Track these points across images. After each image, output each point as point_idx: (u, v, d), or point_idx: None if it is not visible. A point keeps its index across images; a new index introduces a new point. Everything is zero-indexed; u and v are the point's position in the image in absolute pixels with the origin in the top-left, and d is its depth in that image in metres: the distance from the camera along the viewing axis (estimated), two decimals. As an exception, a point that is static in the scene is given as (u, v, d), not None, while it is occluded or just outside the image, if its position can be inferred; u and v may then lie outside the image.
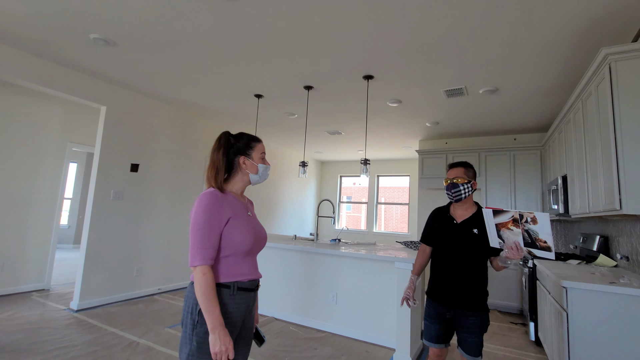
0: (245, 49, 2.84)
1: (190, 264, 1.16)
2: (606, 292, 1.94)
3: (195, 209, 1.21)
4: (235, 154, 1.34)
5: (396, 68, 3.07)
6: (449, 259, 1.77)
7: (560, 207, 3.36)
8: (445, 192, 1.83)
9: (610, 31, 2.34)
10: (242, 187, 1.38)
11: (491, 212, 1.53)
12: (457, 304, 1.72)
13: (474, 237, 1.72)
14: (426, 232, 1.96)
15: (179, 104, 4.54)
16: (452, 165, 1.85)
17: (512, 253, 1.48)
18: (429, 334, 1.82)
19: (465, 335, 1.71)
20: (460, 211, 1.82)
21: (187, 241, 4.87)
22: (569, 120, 3.17)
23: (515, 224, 1.47)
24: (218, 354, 1.11)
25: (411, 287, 1.87)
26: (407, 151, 6.75)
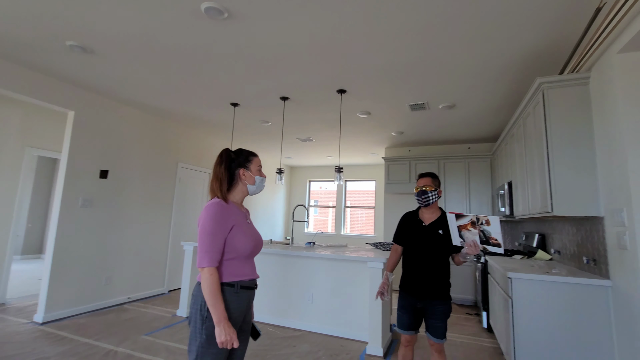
0: (225, 61, 2.97)
1: (199, 265, 1.32)
2: (541, 281, 2.34)
3: (204, 216, 1.36)
4: (236, 167, 1.50)
5: (367, 84, 3.36)
6: (419, 257, 2.02)
7: (507, 209, 3.84)
8: (415, 198, 2.10)
9: (544, 64, 2.81)
10: (242, 198, 1.55)
11: (454, 216, 1.82)
12: (426, 295, 1.98)
13: (439, 237, 2.00)
14: (398, 233, 2.20)
15: (152, 111, 4.50)
16: (421, 175, 2.13)
17: (471, 249, 1.78)
18: (402, 322, 2.06)
19: (434, 322, 1.97)
20: (427, 215, 2.09)
21: (159, 249, 4.81)
22: (512, 134, 3.66)
23: (472, 226, 1.77)
24: (224, 343, 1.27)
25: (386, 282, 2.09)
26: (374, 157, 7.14)
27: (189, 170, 5.41)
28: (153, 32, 2.52)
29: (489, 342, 3.29)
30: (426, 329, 2.03)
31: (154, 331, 3.31)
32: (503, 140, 4.22)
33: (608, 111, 2.17)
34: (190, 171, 5.44)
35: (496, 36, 2.43)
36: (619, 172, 2.06)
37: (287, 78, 3.28)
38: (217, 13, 2.22)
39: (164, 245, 4.89)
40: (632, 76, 2.01)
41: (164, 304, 4.27)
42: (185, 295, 3.84)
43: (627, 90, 2.01)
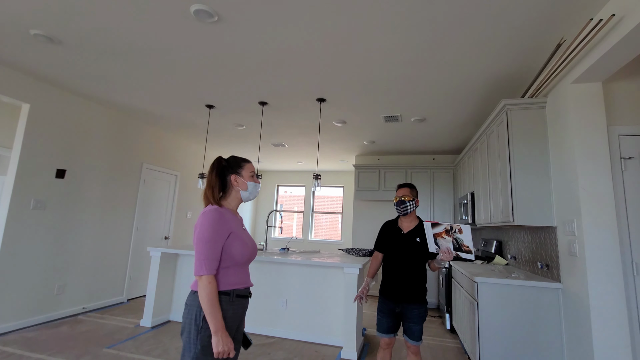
0: (206, 63, 2.91)
1: (196, 274, 1.29)
2: (503, 284, 2.57)
3: (201, 223, 1.34)
4: (228, 173, 1.50)
5: (347, 95, 3.47)
6: (398, 263, 2.12)
7: (469, 218, 4.14)
8: (395, 207, 2.21)
9: (508, 87, 3.11)
10: (237, 204, 1.54)
11: (430, 224, 1.94)
12: (404, 299, 2.08)
13: (416, 245, 2.11)
14: (379, 241, 2.30)
15: (119, 108, 4.24)
16: (400, 186, 2.23)
17: (445, 256, 1.89)
18: (381, 326, 2.14)
19: (411, 325, 2.08)
20: (406, 223, 2.20)
21: (119, 255, 4.50)
22: (476, 148, 3.98)
23: (447, 234, 1.89)
24: (221, 353, 1.25)
25: (366, 287, 2.15)
26: (343, 164, 7.30)
27: (155, 171, 5.14)
28: (133, 29, 2.41)
29: (452, 343, 3.51)
30: (404, 332, 2.13)
31: (117, 343, 3.09)
32: (466, 153, 4.55)
33: (561, 133, 2.47)
34: (156, 173, 5.17)
35: (467, 62, 2.66)
36: (570, 188, 2.34)
37: (269, 84, 3.29)
38: (206, 16, 2.18)
39: (125, 251, 4.59)
40: (581, 104, 2.30)
41: (125, 314, 4.00)
42: (150, 304, 3.63)
43: (577, 115, 2.30)
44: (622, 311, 2.04)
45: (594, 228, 2.16)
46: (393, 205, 2.36)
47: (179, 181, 5.68)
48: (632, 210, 2.21)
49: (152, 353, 2.91)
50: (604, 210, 2.16)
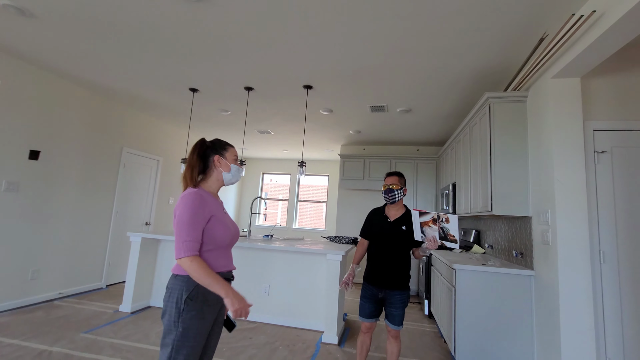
0: (191, 44, 2.82)
1: (177, 257, 1.27)
2: (480, 271, 2.67)
3: (181, 206, 1.32)
4: (210, 154, 1.46)
5: (334, 83, 3.45)
6: (383, 250, 2.15)
7: (450, 208, 4.25)
8: (383, 195, 2.21)
9: (491, 81, 3.16)
10: (217, 187, 1.50)
11: (418, 213, 1.96)
12: (387, 285, 2.12)
13: (402, 233, 2.14)
14: (365, 228, 2.31)
15: (98, 89, 4.06)
16: (389, 174, 2.24)
17: (431, 244, 1.91)
18: (364, 311, 2.19)
19: (392, 310, 2.13)
20: (393, 211, 2.22)
21: (98, 240, 4.40)
22: (459, 140, 4.05)
23: (434, 223, 1.91)
24: (238, 310, 1.27)
25: (352, 274, 2.20)
26: (329, 153, 7.30)
27: (136, 156, 5.00)
28: (114, 5, 2.29)
29: (429, 327, 3.64)
30: (385, 316, 2.18)
31: (95, 328, 3.05)
32: (449, 145, 4.63)
33: (540, 127, 2.54)
34: (137, 157, 5.03)
35: (453, 53, 2.68)
36: (546, 180, 2.43)
37: (255, 69, 3.22)
38: (190, -7, 2.10)
39: (104, 236, 4.48)
40: (560, 98, 2.37)
41: (103, 300, 3.94)
42: (130, 289, 3.58)
43: (555, 110, 2.37)
44: (588, 297, 2.16)
45: (566, 218, 2.26)
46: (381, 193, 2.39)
47: (161, 166, 5.54)
48: (602, 201, 2.32)
49: (131, 338, 2.89)
50: (577, 202, 2.26)
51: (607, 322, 2.21)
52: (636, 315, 2.18)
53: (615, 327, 2.19)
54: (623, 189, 2.30)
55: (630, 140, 2.33)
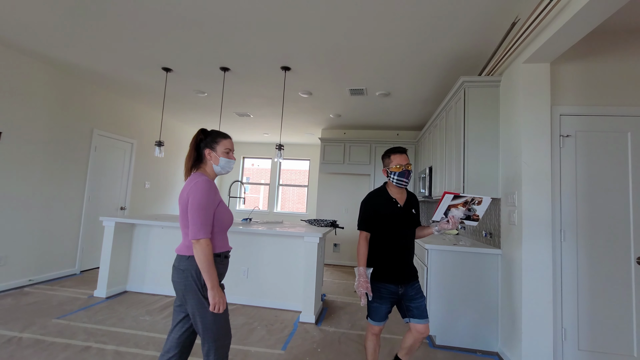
0: (161, 19, 2.69)
1: (194, 238, 1.42)
2: (450, 251, 2.77)
3: (195, 191, 1.46)
4: (204, 147, 1.60)
5: (312, 65, 3.39)
6: (398, 240, 1.87)
7: (426, 191, 4.35)
8: (395, 177, 1.86)
9: (466, 65, 3.20)
10: (214, 176, 1.63)
11: (452, 196, 1.74)
12: (408, 278, 1.86)
13: (413, 217, 1.94)
14: (369, 218, 1.91)
15: (64, 67, 3.83)
16: (400, 151, 1.88)
17: (447, 226, 1.75)
18: (380, 314, 1.86)
19: (417, 302, 1.84)
20: (399, 195, 1.93)
21: (70, 225, 4.25)
22: (436, 124, 4.11)
23: (464, 205, 1.76)
24: (217, 304, 1.43)
25: (366, 279, 1.79)
26: (310, 137, 7.26)
27: (108, 138, 4.80)
28: (72, -28, 2.14)
29: (404, 306, 3.78)
30: (408, 315, 1.87)
31: (68, 314, 2.99)
32: (427, 129, 4.70)
33: (510, 111, 2.61)
34: (109, 139, 4.84)
35: (428, 35, 2.68)
36: (514, 163, 2.52)
37: (230, 48, 3.12)
38: (157, -37, 1.99)
39: (76, 221, 4.34)
40: (530, 83, 2.44)
41: (77, 286, 3.85)
42: (104, 275, 3.52)
43: (525, 94, 2.44)
44: (548, 272, 2.29)
45: (532, 200, 2.36)
46: (391, 175, 1.88)
47: (136, 149, 5.36)
48: (564, 183, 2.44)
49: (106, 322, 2.86)
50: (541, 184, 2.36)
51: (564, 295, 2.36)
52: (590, 289, 2.34)
53: (572, 300, 2.35)
54: (584, 172, 2.42)
55: (593, 125, 2.44)
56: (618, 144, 2.40)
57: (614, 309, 2.30)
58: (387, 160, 1.92)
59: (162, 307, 3.29)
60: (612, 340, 2.29)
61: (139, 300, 3.48)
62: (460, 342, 2.70)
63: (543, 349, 2.26)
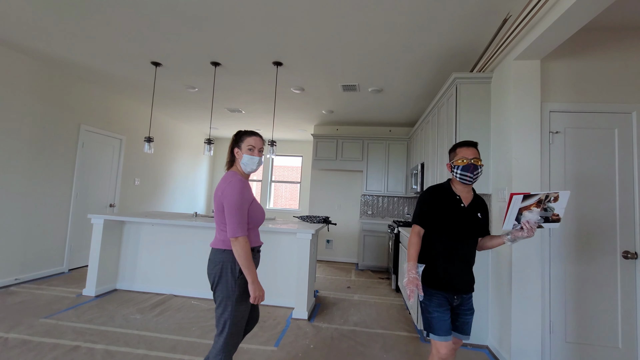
0: (150, 12, 2.63)
1: (232, 235, 1.52)
2: (443, 247, 2.79)
3: (230, 192, 1.55)
4: (233, 146, 1.71)
5: (305, 60, 3.36)
6: (458, 243, 1.67)
7: (418, 187, 4.38)
8: (459, 172, 1.66)
9: (458, 62, 3.20)
10: (244, 174, 1.71)
11: (521, 197, 1.50)
12: (466, 289, 1.66)
13: (478, 221, 1.70)
14: (426, 213, 1.71)
15: (49, 61, 3.72)
16: (467, 144, 1.69)
17: (522, 234, 1.52)
18: (443, 326, 1.60)
19: (468, 317, 1.69)
20: (464, 194, 1.71)
21: (57, 223, 4.16)
22: (428, 120, 4.13)
23: (537, 205, 1.51)
24: (258, 298, 1.56)
25: (416, 276, 1.58)
26: (302, 134, 7.23)
27: (96, 134, 4.70)
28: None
29: (397, 301, 3.81)
30: (455, 328, 1.71)
31: (56, 313, 2.94)
32: (419, 125, 4.71)
33: (501, 108, 2.63)
34: (97, 135, 4.74)
35: (420, 30, 2.67)
36: (505, 158, 2.54)
37: (221, 42, 3.07)
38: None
39: (63, 218, 4.25)
40: (521, 80, 2.46)
41: (65, 284, 3.78)
42: (93, 273, 3.46)
43: (516, 91, 2.46)
44: (537, 267, 2.33)
45: (521, 195, 2.39)
46: (454, 170, 1.68)
47: (125, 145, 5.27)
48: (553, 179, 2.47)
49: (95, 321, 2.81)
50: (531, 180, 2.39)
51: (552, 289, 2.40)
52: (578, 282, 2.39)
53: (559, 294, 2.39)
54: (572, 168, 2.46)
55: (582, 122, 2.47)
56: (605, 140, 2.44)
57: (600, 302, 2.36)
58: (452, 154, 1.73)
59: (153, 305, 3.25)
60: (599, 333, 2.34)
61: (130, 298, 3.44)
62: (451, 336, 2.73)
63: (532, 341, 2.30)
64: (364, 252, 5.42)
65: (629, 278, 2.33)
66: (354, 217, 6.12)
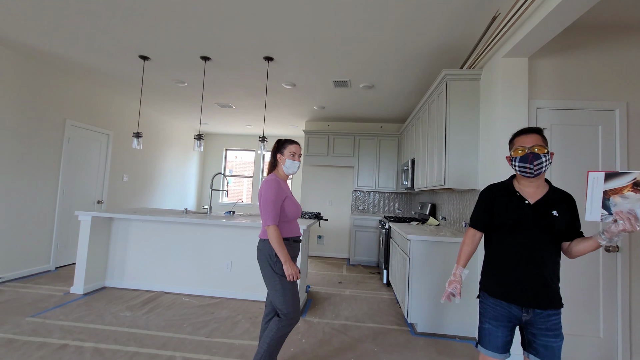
0: (138, 6, 2.57)
1: (265, 224, 1.85)
2: (431, 241, 2.84)
3: (264, 189, 1.88)
4: (276, 152, 2.04)
5: (296, 55, 3.34)
6: (523, 248, 1.45)
7: (409, 183, 4.42)
8: (517, 165, 1.46)
9: (448, 58, 3.23)
10: (285, 176, 2.06)
11: (602, 176, 1.23)
12: (537, 302, 1.41)
13: (554, 221, 1.42)
14: (482, 215, 1.58)
15: (31, 54, 3.61)
16: (526, 131, 1.47)
17: (625, 225, 1.18)
18: (494, 342, 1.45)
19: (549, 340, 1.39)
20: (530, 189, 1.49)
21: (43, 220, 4.07)
22: (419, 117, 4.16)
23: (634, 189, 1.18)
24: (291, 275, 1.83)
25: (459, 280, 1.54)
26: (294, 130, 7.21)
27: (82, 129, 4.60)
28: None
29: (387, 295, 3.86)
30: (530, 351, 1.45)
31: (42, 312, 2.89)
32: (410, 122, 4.75)
33: (490, 105, 2.67)
34: (84, 131, 4.63)
35: (411, 27, 2.69)
36: (492, 154, 2.59)
37: (211, 36, 3.02)
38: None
39: (49, 216, 4.16)
40: (509, 77, 2.49)
41: (52, 282, 3.72)
42: (81, 270, 3.41)
43: (504, 88, 2.50)
44: (523, 260, 2.38)
45: (509, 190, 2.43)
46: (513, 162, 1.46)
47: (112, 141, 5.17)
48: (540, 175, 2.52)
49: (84, 319, 2.78)
50: (518, 175, 2.44)
51: (538, 282, 2.47)
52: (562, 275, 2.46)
53: (545, 287, 2.46)
54: (558, 163, 2.51)
55: (567, 119, 2.53)
56: (590, 137, 2.50)
57: (583, 293, 2.43)
58: (511, 145, 1.52)
59: (143, 303, 3.22)
60: (581, 323, 2.42)
61: (119, 295, 3.40)
62: (440, 329, 2.79)
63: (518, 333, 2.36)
64: (355, 248, 5.46)
65: (611, 270, 2.41)
66: (346, 212, 6.15)
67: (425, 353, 2.48)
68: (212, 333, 2.65)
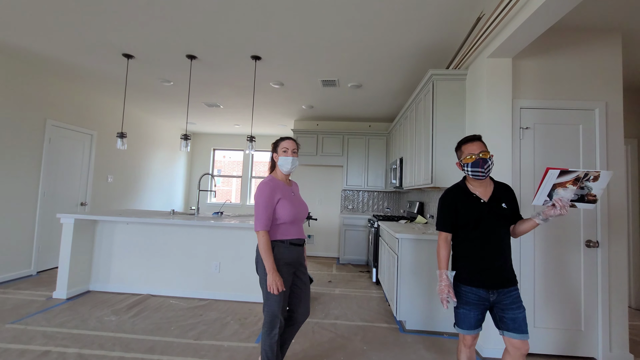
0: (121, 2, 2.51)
1: (255, 229, 1.80)
2: (419, 239, 2.87)
3: (257, 193, 1.84)
4: (273, 152, 2.03)
5: (284, 55, 3.33)
6: (485, 240, 1.67)
7: (397, 182, 4.46)
8: (470, 170, 1.68)
9: (437, 58, 3.27)
10: (282, 174, 2.00)
11: (557, 172, 1.47)
12: (501, 283, 1.64)
13: (504, 212, 1.67)
14: (449, 218, 1.74)
15: (9, 52, 3.48)
16: (470, 140, 1.71)
17: (554, 211, 1.49)
18: (468, 321, 1.69)
19: (515, 312, 1.61)
20: (481, 189, 1.72)
21: (23, 223, 3.94)
22: (406, 116, 4.20)
23: (574, 183, 1.47)
24: (271, 286, 1.75)
25: (448, 283, 1.65)
26: (283, 129, 7.17)
27: (64, 129, 4.47)
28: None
29: (376, 293, 3.89)
30: (502, 327, 1.66)
31: (24, 318, 2.80)
32: (398, 121, 4.79)
33: (475, 104, 2.71)
34: (65, 131, 4.51)
35: (397, 27, 2.71)
36: (479, 153, 2.62)
37: (197, 34, 2.98)
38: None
39: (30, 218, 4.04)
40: (493, 77, 2.54)
41: (34, 287, 3.61)
42: (64, 274, 3.31)
43: (489, 88, 2.54)
44: (508, 257, 2.43)
45: (494, 188, 2.48)
46: (465, 168, 1.72)
47: (96, 141, 5.04)
48: (523, 172, 2.58)
49: (67, 325, 2.70)
50: (503, 174, 2.49)
51: (522, 277, 2.52)
52: (545, 270, 2.52)
53: (529, 281, 2.52)
54: (541, 162, 2.57)
55: (549, 118, 2.59)
56: (571, 136, 2.57)
57: (565, 288, 2.50)
58: (459, 153, 1.75)
59: (129, 306, 3.16)
60: (564, 317, 2.49)
61: (104, 299, 3.32)
62: (428, 325, 2.83)
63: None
64: (344, 247, 5.48)
65: (591, 265, 2.49)
66: (335, 212, 6.17)
67: (414, 350, 2.51)
68: (200, 335, 2.62)
